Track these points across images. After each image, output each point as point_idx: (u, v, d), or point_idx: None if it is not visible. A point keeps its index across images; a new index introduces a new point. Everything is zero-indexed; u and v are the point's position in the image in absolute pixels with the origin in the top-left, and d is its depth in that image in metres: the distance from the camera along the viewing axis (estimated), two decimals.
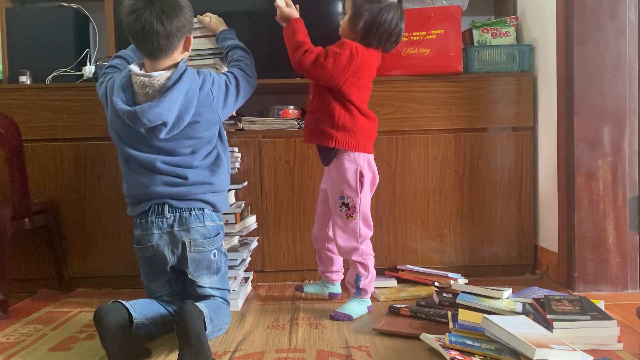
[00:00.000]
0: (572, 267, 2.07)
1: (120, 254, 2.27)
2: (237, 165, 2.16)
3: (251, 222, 2.19)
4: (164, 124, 1.55)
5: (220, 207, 1.73)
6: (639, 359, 1.37)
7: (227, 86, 1.72)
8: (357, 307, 1.83)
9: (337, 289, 2.03)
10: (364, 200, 1.84)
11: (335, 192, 1.84)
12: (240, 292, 1.97)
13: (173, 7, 1.58)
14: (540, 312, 1.53)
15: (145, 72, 1.59)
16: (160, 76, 1.57)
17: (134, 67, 1.61)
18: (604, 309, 1.56)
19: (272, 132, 2.29)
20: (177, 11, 1.58)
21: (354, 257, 1.84)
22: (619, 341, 1.47)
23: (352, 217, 1.82)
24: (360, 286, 1.84)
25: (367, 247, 1.86)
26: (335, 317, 1.79)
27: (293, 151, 2.29)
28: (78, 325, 1.80)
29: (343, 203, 1.82)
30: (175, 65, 1.62)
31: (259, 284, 2.30)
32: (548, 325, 1.47)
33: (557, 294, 1.65)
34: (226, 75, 1.75)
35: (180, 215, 1.62)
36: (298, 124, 2.31)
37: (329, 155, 1.85)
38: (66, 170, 2.27)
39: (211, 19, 1.94)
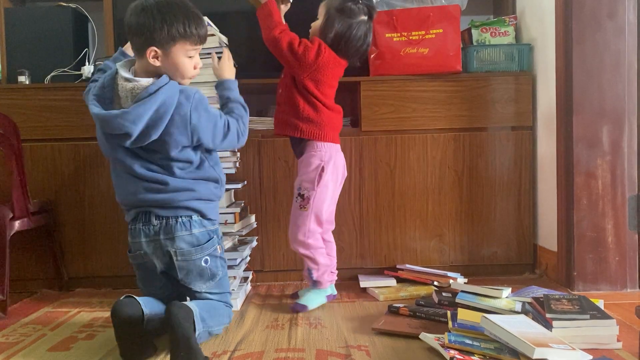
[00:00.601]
0: (571, 266, 2.07)
1: (120, 254, 2.27)
2: (237, 164, 2.15)
3: (250, 221, 2.19)
4: (127, 135, 1.47)
5: (210, 215, 1.63)
6: (639, 358, 1.37)
7: (216, 120, 1.60)
8: (314, 298, 1.91)
9: (332, 290, 2.02)
10: (320, 196, 1.89)
11: (296, 182, 1.93)
12: (239, 291, 1.97)
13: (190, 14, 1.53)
14: (540, 312, 1.53)
15: (128, 76, 1.51)
16: (139, 84, 1.48)
17: (121, 68, 1.53)
18: (603, 308, 1.57)
19: (271, 132, 2.28)
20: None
21: (302, 251, 1.90)
22: (618, 340, 1.47)
23: (304, 208, 1.88)
24: (314, 278, 1.92)
25: (315, 242, 1.90)
26: (293, 308, 1.88)
27: (292, 150, 2.28)
28: (77, 326, 1.80)
29: (299, 193, 1.90)
30: (159, 75, 1.53)
31: (258, 283, 2.30)
32: (547, 325, 1.47)
33: (557, 293, 1.65)
34: (220, 113, 1.65)
35: (166, 223, 1.56)
36: None
37: (298, 147, 1.94)
38: (65, 170, 2.27)
39: (221, 64, 1.80)
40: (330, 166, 1.89)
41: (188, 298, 1.61)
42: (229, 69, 1.79)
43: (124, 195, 1.62)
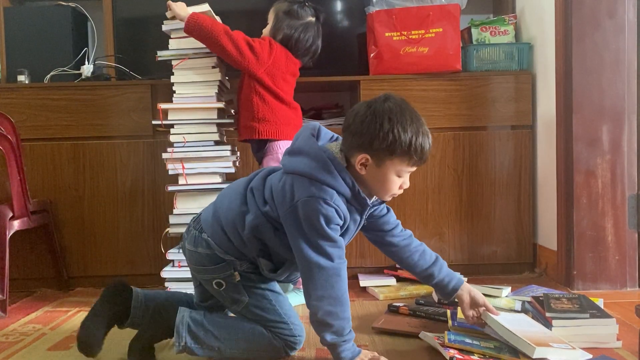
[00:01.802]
0: (571, 265, 2.07)
1: (119, 253, 2.27)
2: (237, 164, 2.15)
3: None
4: None
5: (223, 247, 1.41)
6: (638, 357, 1.36)
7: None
8: (294, 298, 1.93)
9: None
10: None
11: None
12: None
13: None
14: (540, 311, 1.53)
15: None
16: None
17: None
18: (603, 307, 1.57)
19: None
20: None
21: None
22: (618, 339, 1.47)
23: None
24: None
25: None
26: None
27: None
28: (77, 325, 1.78)
29: None
30: None
31: None
32: (547, 324, 1.47)
33: (556, 292, 1.65)
34: None
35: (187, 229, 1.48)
36: None
37: (259, 153, 1.99)
38: (65, 169, 2.26)
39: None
40: None
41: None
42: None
43: None
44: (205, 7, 1.94)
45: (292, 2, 1.96)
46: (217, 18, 1.97)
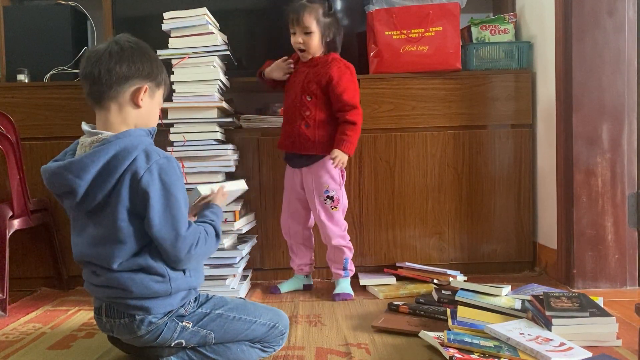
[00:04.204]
0: (571, 264, 2.07)
1: None
2: (236, 163, 2.15)
3: (250, 219, 2.19)
4: (72, 192, 1.24)
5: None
6: (638, 356, 1.36)
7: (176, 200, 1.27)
8: (349, 285, 2.09)
9: (310, 280, 2.20)
10: (344, 193, 2.11)
11: (316, 188, 2.04)
12: (239, 289, 1.97)
13: (133, 47, 1.31)
14: (539, 309, 1.53)
15: (89, 130, 1.32)
16: (100, 135, 1.28)
17: (84, 124, 1.34)
18: (603, 306, 1.57)
19: (271, 130, 2.28)
20: (135, 52, 1.30)
21: (342, 243, 2.08)
22: (617, 338, 1.47)
23: (336, 208, 2.05)
24: (348, 267, 2.10)
25: (346, 233, 2.11)
26: (340, 298, 2.01)
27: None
28: (77, 324, 1.80)
29: (328, 196, 2.04)
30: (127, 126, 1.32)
31: (257, 281, 2.30)
32: (547, 322, 1.48)
33: (556, 291, 1.65)
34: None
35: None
36: None
37: (302, 159, 2.05)
38: None
39: (215, 198, 1.53)
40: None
41: None
42: (222, 202, 1.55)
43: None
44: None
45: (322, 2, 1.99)
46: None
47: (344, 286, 2.07)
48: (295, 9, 1.98)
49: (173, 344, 1.33)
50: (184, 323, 1.33)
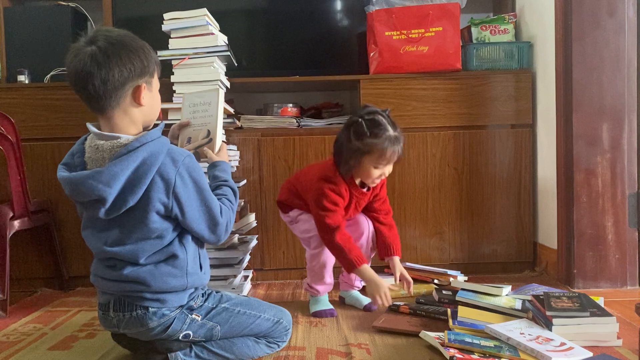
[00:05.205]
0: (571, 264, 2.07)
1: None
2: (236, 163, 2.15)
3: (250, 220, 2.19)
4: (101, 200, 1.24)
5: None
6: (639, 355, 1.37)
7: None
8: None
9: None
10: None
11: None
12: (239, 290, 1.97)
13: (117, 47, 1.27)
14: (540, 309, 1.53)
15: (102, 132, 1.30)
16: (119, 140, 1.27)
17: (92, 126, 1.32)
18: (603, 306, 1.57)
19: (271, 130, 2.29)
20: (121, 52, 1.26)
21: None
22: (618, 338, 1.47)
23: None
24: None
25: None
26: (373, 308, 1.87)
27: (292, 149, 2.29)
28: (78, 324, 1.80)
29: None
30: (140, 127, 1.33)
31: (258, 282, 2.30)
32: (548, 322, 1.48)
33: (557, 291, 1.65)
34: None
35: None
36: (297, 122, 2.31)
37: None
38: None
39: (219, 150, 1.57)
40: None
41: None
42: (225, 156, 1.58)
43: None
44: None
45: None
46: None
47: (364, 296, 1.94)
48: (394, 142, 1.67)
49: (181, 335, 1.36)
50: (193, 315, 1.36)
